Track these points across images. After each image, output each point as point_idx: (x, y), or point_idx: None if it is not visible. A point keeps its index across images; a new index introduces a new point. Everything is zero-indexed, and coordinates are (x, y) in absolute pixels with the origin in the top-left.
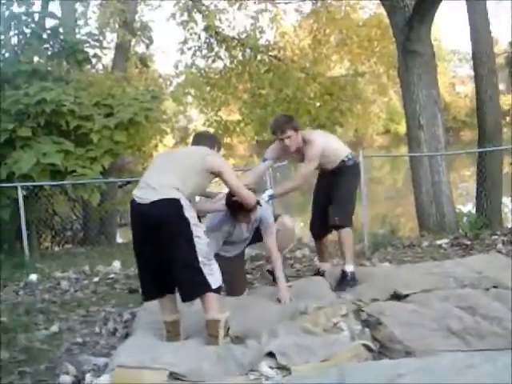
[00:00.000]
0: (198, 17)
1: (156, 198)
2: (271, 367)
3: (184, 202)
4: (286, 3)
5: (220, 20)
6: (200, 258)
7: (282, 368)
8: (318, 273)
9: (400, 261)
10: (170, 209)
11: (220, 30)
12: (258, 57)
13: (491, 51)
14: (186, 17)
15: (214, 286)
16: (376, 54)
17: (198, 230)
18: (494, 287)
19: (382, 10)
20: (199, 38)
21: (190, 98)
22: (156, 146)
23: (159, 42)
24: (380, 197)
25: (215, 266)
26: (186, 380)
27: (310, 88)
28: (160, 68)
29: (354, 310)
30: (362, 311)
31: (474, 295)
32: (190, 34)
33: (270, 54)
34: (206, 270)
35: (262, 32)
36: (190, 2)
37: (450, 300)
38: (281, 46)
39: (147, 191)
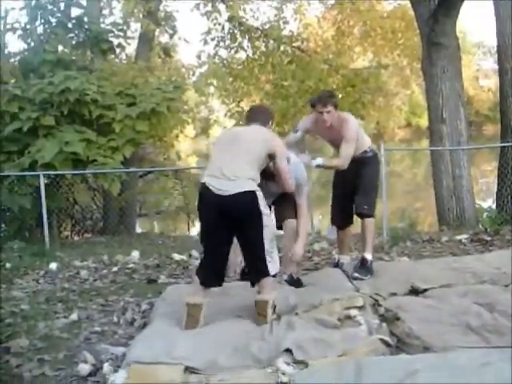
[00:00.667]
0: (221, 7)
1: (235, 191)
2: (288, 363)
3: (259, 194)
4: None
5: (244, 10)
6: (266, 247)
7: (299, 362)
8: (337, 265)
9: (419, 255)
10: (248, 203)
11: (243, 20)
12: (281, 48)
13: None
14: (209, 7)
15: (272, 273)
16: (400, 46)
17: (267, 220)
18: None
19: (406, 2)
20: (223, 28)
21: (211, 89)
22: (177, 136)
23: (183, 32)
24: (399, 191)
25: (275, 253)
26: (201, 373)
27: (333, 80)
28: (183, 58)
29: (372, 304)
30: (380, 305)
31: (493, 291)
32: (214, 25)
33: (293, 45)
34: (268, 258)
35: (285, 23)
36: None
37: (468, 296)
38: (304, 38)
39: (224, 182)
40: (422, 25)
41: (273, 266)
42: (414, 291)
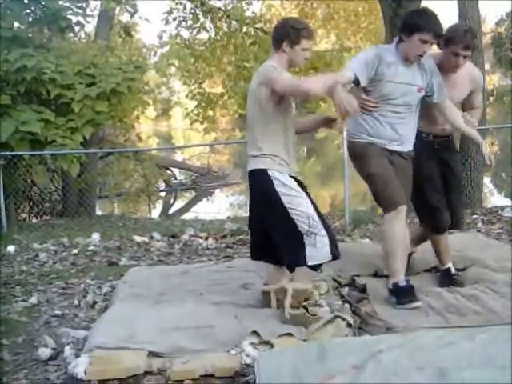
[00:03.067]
0: None
1: (248, 170)
2: (253, 344)
3: (271, 173)
4: None
5: None
6: (302, 228)
7: (264, 344)
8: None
9: (380, 238)
10: (257, 183)
11: (206, 0)
12: (244, 29)
13: (479, 30)
14: None
15: (309, 262)
16: (363, 29)
17: (292, 199)
18: (473, 266)
19: None
20: (184, 8)
21: (173, 70)
22: (137, 117)
23: (144, 11)
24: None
25: (322, 237)
26: (165, 357)
27: None
28: (144, 38)
29: (335, 287)
30: (343, 287)
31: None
32: (176, 4)
33: (255, 26)
34: (307, 241)
35: (248, 4)
36: None
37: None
38: (267, 19)
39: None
40: (385, 8)
41: (314, 253)
42: (377, 275)
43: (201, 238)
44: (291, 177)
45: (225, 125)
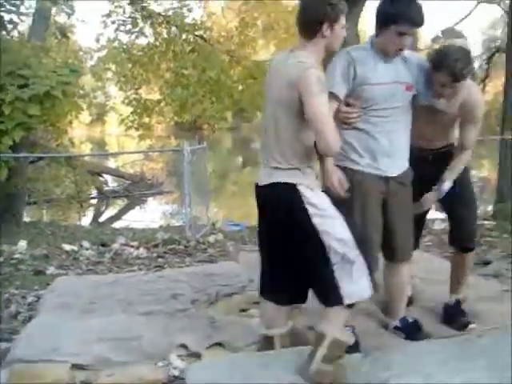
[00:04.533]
0: None
1: (268, 181)
2: (181, 356)
3: (301, 188)
4: None
5: None
6: (335, 257)
7: (192, 357)
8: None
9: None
10: (280, 199)
11: (146, 5)
12: (184, 36)
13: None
14: None
15: (347, 301)
16: None
17: (325, 221)
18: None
19: None
20: (124, 11)
21: (109, 74)
22: (71, 122)
23: (81, 12)
24: None
25: (360, 267)
26: (90, 370)
27: (234, 71)
28: (81, 40)
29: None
30: None
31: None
32: (115, 7)
33: (195, 33)
34: (342, 272)
35: (189, 10)
36: None
37: None
38: (207, 26)
39: (263, 169)
40: None
41: (352, 288)
42: None
43: (132, 247)
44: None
45: (160, 132)
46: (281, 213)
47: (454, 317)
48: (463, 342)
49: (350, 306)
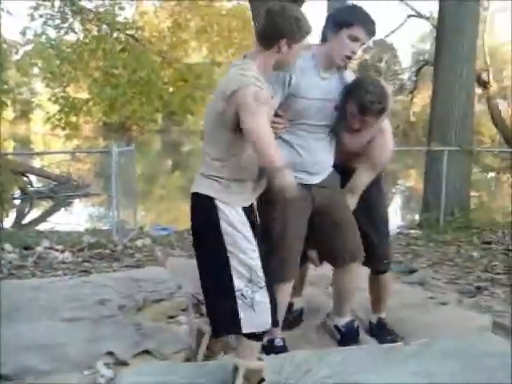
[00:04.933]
0: None
1: (191, 189)
2: (108, 365)
3: (218, 203)
4: None
5: None
6: (237, 286)
7: (120, 364)
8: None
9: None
10: (199, 210)
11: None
12: (115, 34)
13: None
14: None
15: (244, 329)
16: (235, 45)
17: (236, 243)
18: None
19: (245, 1)
20: (53, 5)
21: (36, 70)
22: None
23: (7, 3)
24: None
25: (263, 298)
26: (13, 379)
27: (165, 72)
28: (5, 33)
29: (194, 304)
30: (203, 304)
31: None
32: (43, 0)
33: (127, 32)
34: (243, 301)
35: (121, 8)
36: None
37: None
38: (139, 26)
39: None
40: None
41: (252, 318)
42: None
43: (57, 250)
44: (245, 210)
45: (88, 132)
46: (196, 222)
47: (381, 335)
48: (389, 349)
49: (260, 336)
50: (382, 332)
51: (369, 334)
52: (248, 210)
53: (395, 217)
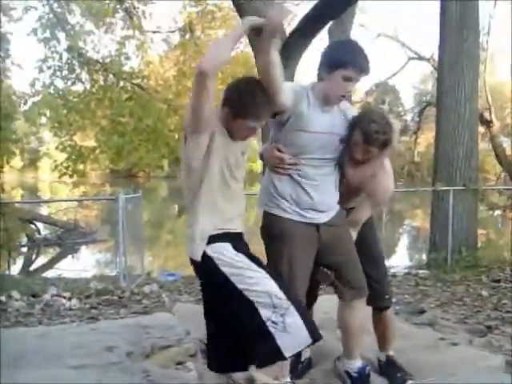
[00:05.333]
0: (61, 35)
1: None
2: None
3: (209, 251)
4: (154, 32)
5: (84, 41)
6: (265, 312)
7: None
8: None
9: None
10: (200, 271)
11: (84, 51)
12: (121, 83)
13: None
14: (48, 34)
15: (286, 354)
16: None
17: (243, 279)
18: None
19: (248, 49)
20: (61, 57)
21: (44, 119)
22: (1, 166)
23: (17, 56)
24: None
25: (293, 318)
26: None
27: (171, 120)
28: (15, 85)
29: (202, 350)
30: None
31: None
32: (52, 53)
33: (133, 81)
34: (275, 328)
35: (127, 58)
36: (54, 19)
37: None
38: (145, 75)
39: None
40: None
41: (290, 340)
42: None
43: (64, 297)
44: (231, 238)
45: (95, 179)
46: (205, 284)
47: (391, 372)
48: None
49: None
50: (391, 369)
51: (378, 373)
52: (237, 238)
53: (403, 257)
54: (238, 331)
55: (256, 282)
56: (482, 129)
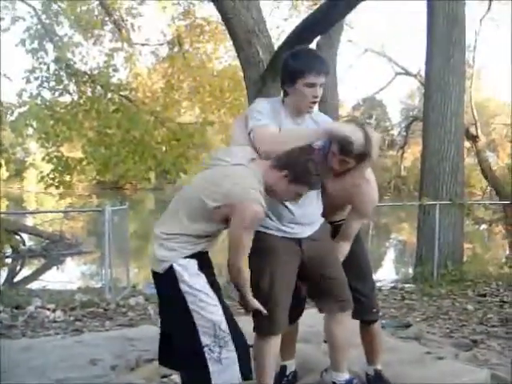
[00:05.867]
0: (49, 46)
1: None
2: None
3: (180, 265)
4: (142, 45)
5: (73, 53)
6: (204, 338)
7: None
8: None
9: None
10: (158, 276)
11: (71, 63)
12: (109, 95)
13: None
14: (36, 45)
15: (217, 382)
16: (227, 104)
17: (196, 301)
18: (325, 342)
19: (236, 62)
20: (48, 68)
21: (30, 130)
22: None
23: (4, 67)
24: None
25: (229, 352)
26: None
27: (158, 132)
28: (2, 95)
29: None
30: None
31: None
32: (39, 64)
33: (120, 93)
34: (210, 356)
35: (115, 70)
36: (43, 30)
37: None
38: (133, 87)
39: None
40: (250, 86)
41: (221, 372)
42: None
43: (48, 309)
44: (200, 262)
45: (81, 190)
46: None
47: None
48: None
49: None
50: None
51: None
52: (204, 257)
53: (389, 271)
54: (176, 346)
55: (205, 307)
56: (467, 144)
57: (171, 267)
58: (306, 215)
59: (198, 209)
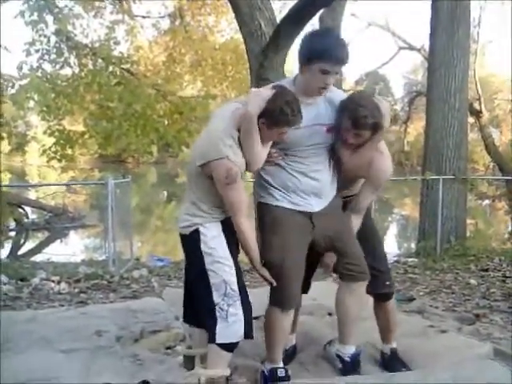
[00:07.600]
0: (49, 18)
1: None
2: None
3: (203, 229)
4: (143, 17)
5: (73, 25)
6: (215, 296)
7: None
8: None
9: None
10: (184, 239)
11: (72, 35)
12: (110, 68)
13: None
14: (35, 16)
15: (218, 340)
16: (229, 78)
17: (215, 265)
18: (329, 314)
19: (238, 35)
20: (48, 40)
21: (31, 103)
22: None
23: (3, 39)
24: None
25: (235, 311)
26: None
27: (160, 105)
28: (2, 67)
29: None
30: None
31: (308, 321)
32: (39, 36)
33: (122, 66)
34: (219, 313)
35: (116, 43)
36: (42, 2)
37: None
38: (134, 60)
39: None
40: (252, 59)
41: (225, 329)
42: None
43: (53, 281)
44: (224, 226)
45: (83, 164)
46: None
47: (395, 366)
48: (390, 378)
49: (230, 350)
50: (395, 364)
51: (379, 365)
52: (229, 227)
53: (392, 245)
54: (196, 300)
55: (220, 268)
56: (471, 119)
57: (196, 230)
58: (316, 186)
59: (197, 176)
